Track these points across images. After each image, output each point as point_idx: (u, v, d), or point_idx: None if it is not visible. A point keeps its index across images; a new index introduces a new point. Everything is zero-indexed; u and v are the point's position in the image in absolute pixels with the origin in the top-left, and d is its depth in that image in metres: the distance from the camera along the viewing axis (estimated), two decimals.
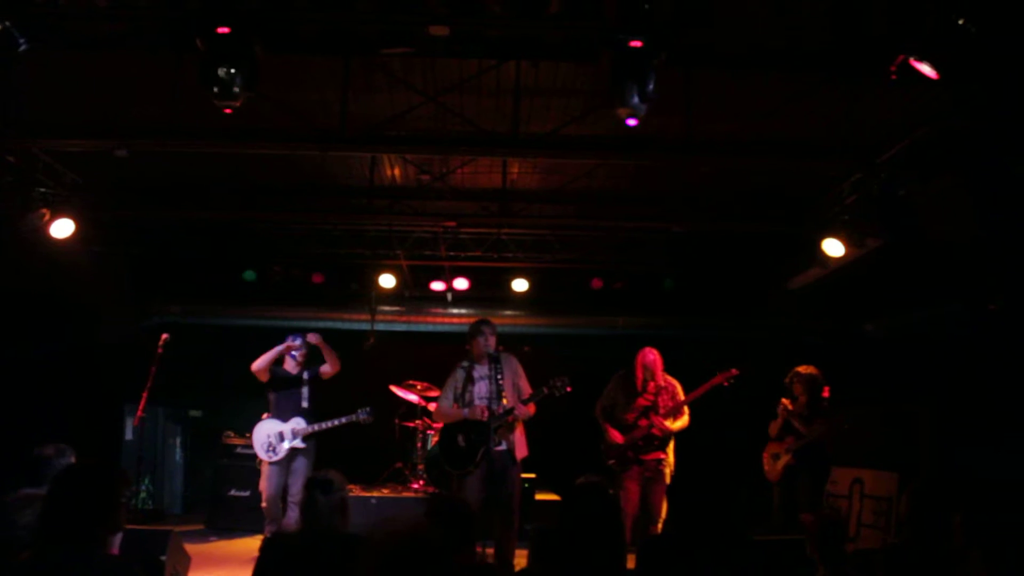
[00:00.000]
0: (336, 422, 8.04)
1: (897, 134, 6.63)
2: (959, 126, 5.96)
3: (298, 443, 7.88)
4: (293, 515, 7.67)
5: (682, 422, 7.55)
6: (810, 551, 4.50)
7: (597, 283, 10.26)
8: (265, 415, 8.07)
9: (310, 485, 4.01)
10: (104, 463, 3.38)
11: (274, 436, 7.88)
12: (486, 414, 6.98)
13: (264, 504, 7.84)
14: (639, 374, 7.55)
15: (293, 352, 8.03)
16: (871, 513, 8.08)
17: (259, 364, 7.92)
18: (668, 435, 7.48)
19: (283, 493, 7.88)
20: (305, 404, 8.02)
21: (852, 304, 9.46)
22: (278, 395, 8.06)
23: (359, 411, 8.14)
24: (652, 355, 7.59)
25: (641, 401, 7.52)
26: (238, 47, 5.26)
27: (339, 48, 6.03)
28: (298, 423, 7.92)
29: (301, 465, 7.86)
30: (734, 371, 7.48)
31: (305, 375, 8.11)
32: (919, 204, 6.95)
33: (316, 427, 7.95)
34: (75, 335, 9.71)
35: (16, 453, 5.08)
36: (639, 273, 10.51)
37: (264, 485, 7.85)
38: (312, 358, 8.16)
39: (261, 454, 7.90)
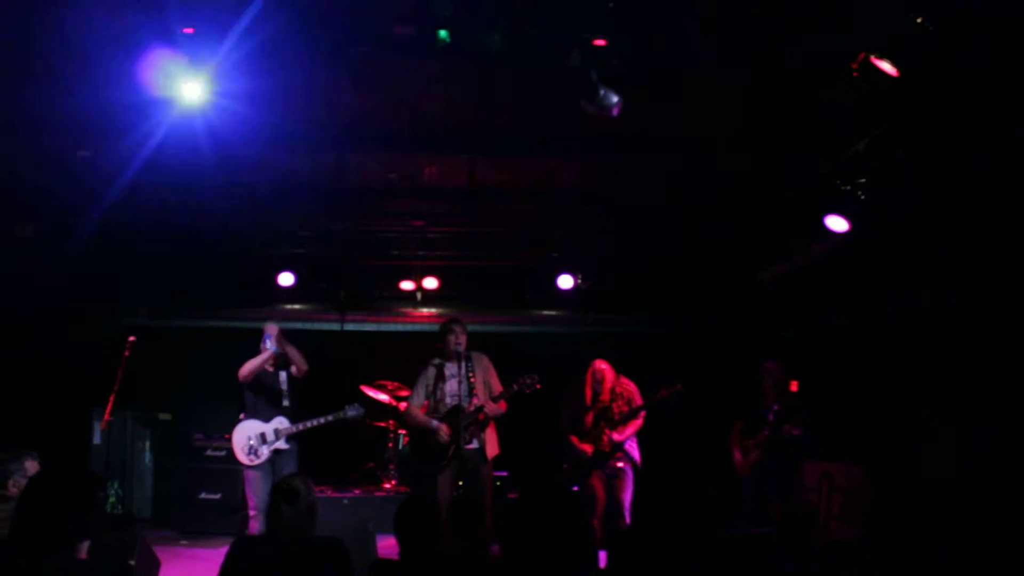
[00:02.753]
0: (323, 420, 7.59)
1: (861, 129, 6.70)
2: (916, 121, 6.03)
3: (282, 444, 7.43)
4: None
5: (634, 426, 7.77)
6: (779, 544, 4.55)
7: (566, 280, 10.28)
8: (243, 415, 7.61)
9: (275, 495, 3.96)
10: (79, 467, 3.39)
11: (256, 438, 7.39)
12: (448, 436, 7.04)
13: (252, 512, 7.32)
14: (588, 389, 7.79)
15: (269, 348, 7.50)
16: (839, 506, 8.18)
17: (247, 371, 7.49)
18: (620, 444, 7.63)
19: None
20: (286, 402, 7.56)
21: (820, 297, 9.54)
22: (257, 394, 7.58)
23: (347, 407, 7.67)
24: (601, 366, 7.85)
25: (598, 407, 7.76)
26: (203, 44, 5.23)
27: (306, 47, 5.98)
28: (281, 422, 7.46)
29: (289, 468, 7.33)
30: (678, 386, 7.73)
31: (282, 373, 7.65)
32: (884, 196, 7.03)
33: (301, 426, 7.50)
34: (41, 338, 9.61)
35: None
36: (605, 269, 10.55)
37: (251, 491, 7.37)
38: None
39: (242, 458, 7.39)
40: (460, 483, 7.06)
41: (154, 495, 10.98)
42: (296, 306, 10.96)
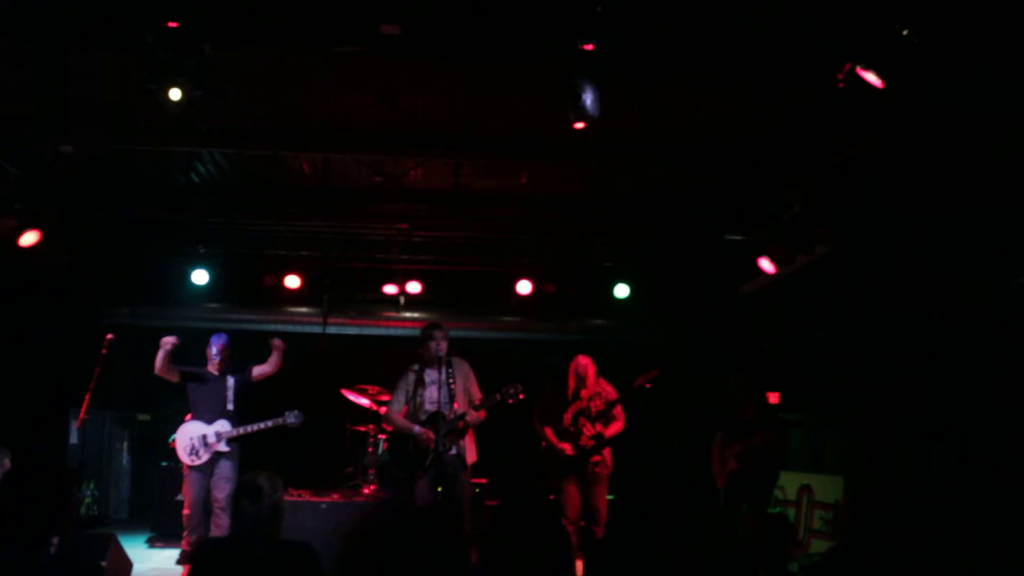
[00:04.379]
0: (262, 425, 7.68)
1: (845, 139, 6.72)
2: (899, 133, 6.05)
3: (222, 447, 7.53)
4: (221, 522, 7.36)
5: (616, 427, 7.69)
6: (752, 556, 4.52)
7: (549, 287, 10.27)
8: (188, 416, 7.74)
9: (238, 492, 3.91)
10: (54, 463, 3.39)
11: (197, 439, 7.53)
12: (432, 442, 6.99)
13: (186, 511, 7.52)
14: (571, 382, 7.75)
15: (214, 354, 7.75)
16: (819, 519, 8.18)
17: (156, 367, 7.65)
18: (600, 443, 7.59)
19: (206, 500, 7.54)
20: (230, 407, 7.68)
21: (802, 310, 9.56)
22: (198, 397, 7.72)
23: (287, 413, 7.75)
24: (584, 361, 7.79)
25: (575, 406, 7.66)
26: (187, 42, 5.20)
27: (290, 45, 5.97)
28: (223, 426, 7.57)
29: (225, 470, 7.52)
30: (654, 372, 7.69)
31: (229, 378, 7.76)
32: (867, 208, 7.06)
33: (242, 430, 7.60)
34: (18, 336, 9.52)
35: None
36: (591, 277, 10.54)
37: (187, 490, 7.56)
38: (239, 360, 7.93)
39: (184, 458, 7.56)
40: (439, 489, 7.02)
41: (131, 496, 10.87)
42: (277, 307, 10.87)
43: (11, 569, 3.08)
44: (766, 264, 8.51)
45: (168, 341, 7.62)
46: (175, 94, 5.34)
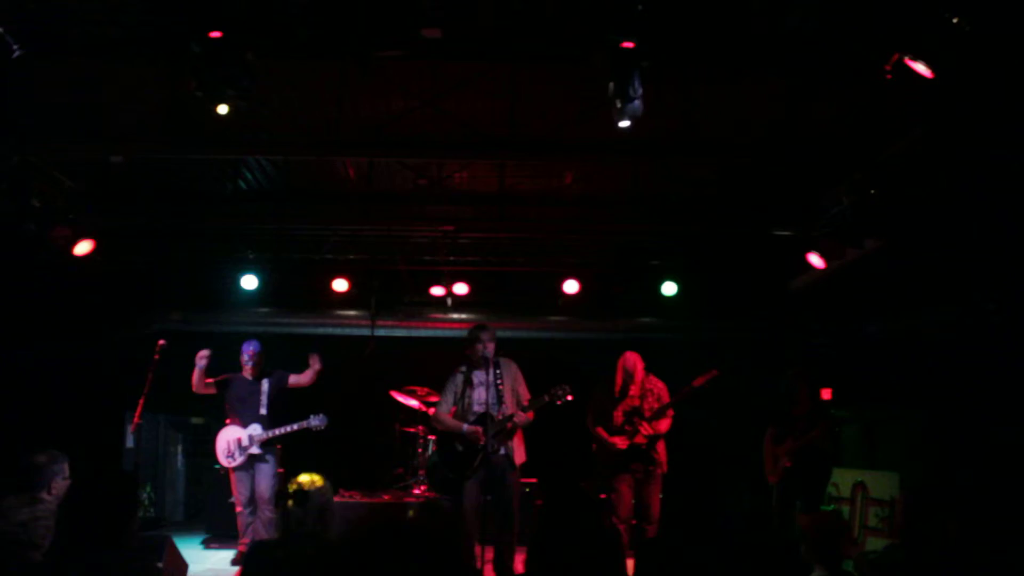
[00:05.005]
0: (289, 428, 8.04)
1: (896, 133, 6.60)
2: (953, 124, 5.92)
3: (255, 449, 7.95)
4: (265, 517, 7.81)
5: (664, 425, 7.63)
6: (806, 554, 4.46)
7: (595, 287, 10.22)
8: (228, 420, 8.12)
9: (285, 497, 3.97)
10: (119, 470, 3.55)
11: (233, 442, 7.98)
12: (482, 440, 6.99)
13: (239, 508, 8.00)
14: (619, 378, 7.67)
15: (247, 360, 8.12)
16: (874, 517, 8.04)
17: (193, 385, 8.07)
18: (654, 442, 7.53)
19: (252, 497, 7.98)
20: (263, 411, 8.04)
21: (853, 305, 9.42)
22: (234, 402, 8.12)
23: (311, 417, 8.07)
24: (632, 358, 7.72)
25: (628, 403, 7.59)
26: (230, 52, 5.25)
27: (333, 52, 6.02)
28: (255, 429, 7.97)
29: (265, 468, 7.97)
30: (714, 371, 7.63)
31: (264, 383, 8.13)
32: (917, 204, 6.93)
33: (270, 433, 7.97)
34: (75, 343, 9.71)
35: (15, 460, 5.06)
36: (638, 276, 10.47)
37: (235, 490, 8.01)
38: (285, 364, 8.31)
39: (222, 460, 8.03)
40: (488, 490, 7.02)
41: (186, 498, 11.04)
42: (333, 311, 10.96)
43: (79, 571, 3.21)
44: (815, 259, 8.39)
45: (202, 356, 8.00)
46: (223, 109, 5.40)
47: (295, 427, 8.05)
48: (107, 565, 3.26)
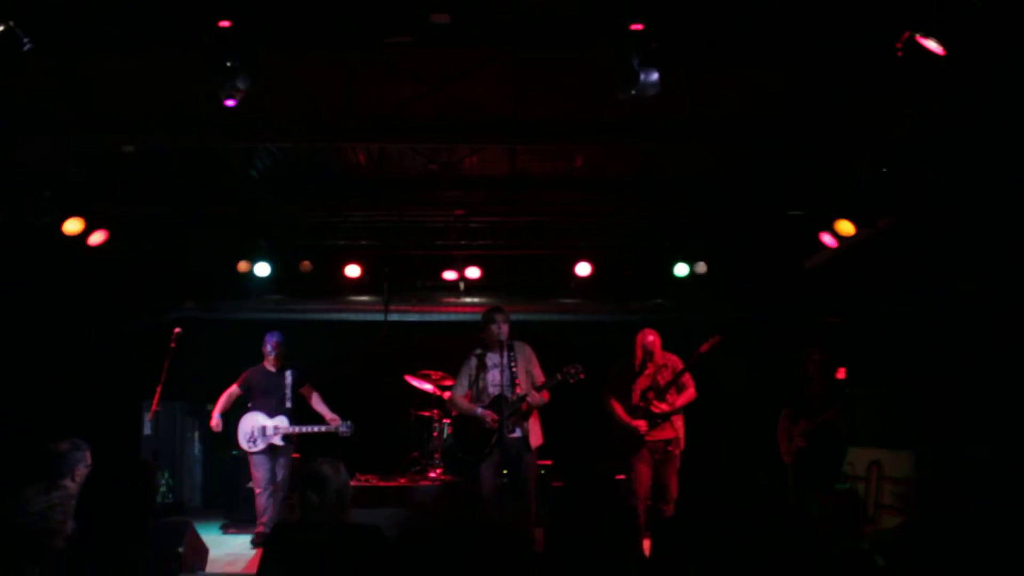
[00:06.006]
0: (316, 428, 8.26)
1: (909, 113, 6.56)
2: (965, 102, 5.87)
3: (278, 441, 8.12)
4: (280, 500, 8.03)
5: (688, 395, 7.61)
6: (823, 532, 4.48)
7: (607, 269, 10.20)
8: (250, 405, 8.29)
9: (303, 484, 4.03)
10: (138, 457, 3.59)
11: (257, 429, 8.12)
12: (494, 422, 7.02)
13: (258, 491, 8.12)
14: (638, 354, 7.65)
15: (270, 351, 8.27)
16: (890, 495, 8.05)
17: (220, 408, 8.29)
18: (670, 414, 7.52)
19: (272, 480, 8.15)
20: (288, 404, 8.21)
21: (868, 285, 9.38)
22: (259, 391, 8.27)
23: (341, 424, 8.23)
24: (651, 336, 7.70)
25: (642, 381, 7.59)
26: (240, 40, 5.25)
27: (341, 40, 6.01)
28: (282, 421, 8.13)
29: (285, 454, 8.19)
30: (717, 336, 7.63)
31: (287, 374, 8.25)
32: (930, 183, 6.89)
33: (297, 429, 8.19)
34: (91, 331, 9.78)
35: (33, 448, 5.12)
36: (650, 257, 10.46)
37: (254, 474, 8.14)
38: (299, 353, 8.49)
39: (242, 443, 8.14)
40: (504, 472, 7.06)
41: (203, 484, 11.12)
42: (346, 297, 10.99)
43: (100, 558, 3.30)
44: (828, 239, 8.38)
45: (216, 425, 8.38)
46: (231, 103, 5.41)
47: (322, 429, 8.23)
48: (125, 553, 3.32)
